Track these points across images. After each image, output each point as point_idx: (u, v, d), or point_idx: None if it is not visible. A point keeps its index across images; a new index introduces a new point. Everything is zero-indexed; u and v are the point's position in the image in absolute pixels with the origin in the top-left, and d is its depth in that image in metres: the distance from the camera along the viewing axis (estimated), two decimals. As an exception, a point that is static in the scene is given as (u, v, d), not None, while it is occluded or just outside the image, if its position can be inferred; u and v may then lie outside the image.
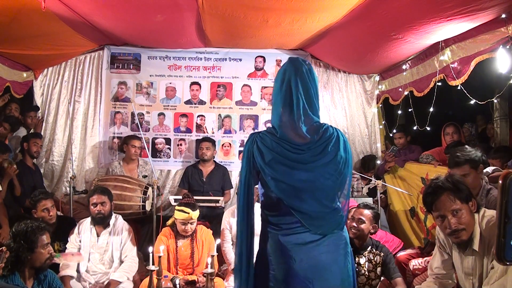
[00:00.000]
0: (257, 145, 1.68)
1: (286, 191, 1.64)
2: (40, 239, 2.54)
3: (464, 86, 3.27)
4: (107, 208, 3.34)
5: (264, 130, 1.75)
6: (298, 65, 1.69)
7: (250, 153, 1.69)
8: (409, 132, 4.73)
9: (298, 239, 1.64)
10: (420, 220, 4.09)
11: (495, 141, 4.11)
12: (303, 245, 1.63)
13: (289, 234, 1.65)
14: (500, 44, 2.83)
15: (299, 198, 1.64)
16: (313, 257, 1.63)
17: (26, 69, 4.70)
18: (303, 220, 1.63)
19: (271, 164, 1.65)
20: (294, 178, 1.63)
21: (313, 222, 1.64)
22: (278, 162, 1.65)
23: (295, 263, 1.62)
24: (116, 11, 3.61)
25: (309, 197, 1.64)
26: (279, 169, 1.65)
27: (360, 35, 3.74)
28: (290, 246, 1.64)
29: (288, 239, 1.64)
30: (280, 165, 1.65)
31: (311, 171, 1.65)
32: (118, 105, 5.08)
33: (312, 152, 1.66)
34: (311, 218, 1.64)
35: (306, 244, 1.63)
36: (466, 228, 2.01)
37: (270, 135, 1.70)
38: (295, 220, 1.64)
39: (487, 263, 2.00)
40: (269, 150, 1.66)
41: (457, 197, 2.01)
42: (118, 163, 4.61)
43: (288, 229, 1.65)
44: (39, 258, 2.53)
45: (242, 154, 1.74)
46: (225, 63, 5.16)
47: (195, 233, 3.37)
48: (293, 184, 1.64)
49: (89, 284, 3.23)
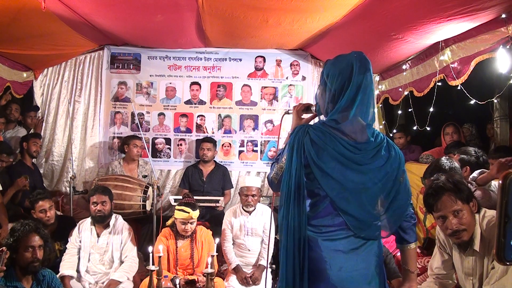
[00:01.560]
0: (310, 137, 1.58)
1: (335, 189, 1.56)
2: (24, 240, 2.51)
3: (464, 86, 3.26)
4: (108, 208, 3.34)
5: (318, 123, 1.65)
6: (367, 65, 1.60)
7: (301, 144, 1.58)
8: (409, 132, 4.73)
9: (339, 245, 1.57)
10: (420, 220, 4.08)
11: (495, 141, 4.11)
12: (345, 253, 1.56)
13: (331, 238, 1.57)
14: (500, 44, 2.82)
15: (346, 199, 1.57)
16: (352, 265, 1.56)
17: (26, 69, 4.70)
18: (348, 222, 1.56)
19: (324, 159, 1.56)
20: (346, 178, 1.56)
21: (359, 225, 1.57)
22: (332, 157, 1.56)
23: (332, 271, 1.55)
24: (116, 11, 3.61)
25: (355, 199, 1.57)
26: (332, 165, 1.56)
27: (360, 35, 3.73)
28: (330, 253, 1.56)
29: (328, 245, 1.57)
30: (334, 161, 1.56)
31: (363, 173, 1.58)
32: (118, 105, 5.08)
33: (367, 153, 1.59)
34: (357, 221, 1.57)
35: (347, 253, 1.56)
36: (467, 229, 2.00)
37: (326, 128, 1.60)
38: (338, 222, 1.57)
39: (488, 264, 2.00)
40: (324, 143, 1.57)
41: (458, 198, 2.01)
42: (118, 163, 4.61)
43: (329, 232, 1.58)
44: (22, 259, 2.51)
45: (288, 145, 1.62)
46: (225, 63, 5.16)
47: (194, 234, 3.37)
48: (344, 184, 1.56)
49: (89, 284, 3.23)
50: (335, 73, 1.60)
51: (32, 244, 2.53)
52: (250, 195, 3.59)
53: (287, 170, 1.61)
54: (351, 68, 1.57)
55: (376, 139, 1.64)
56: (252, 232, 3.56)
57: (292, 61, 5.16)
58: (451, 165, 2.68)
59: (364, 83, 1.57)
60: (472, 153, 2.91)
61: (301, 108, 1.86)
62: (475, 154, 2.92)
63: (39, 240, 2.58)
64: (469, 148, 3.09)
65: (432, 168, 2.76)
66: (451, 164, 2.69)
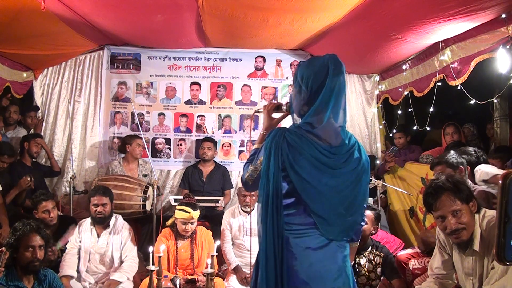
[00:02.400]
0: (288, 142, 1.61)
1: (310, 193, 1.61)
2: (25, 239, 2.52)
3: (464, 86, 3.26)
4: (108, 209, 3.34)
5: (293, 126, 1.68)
6: (341, 67, 1.64)
7: (279, 148, 1.60)
8: (409, 132, 4.73)
9: (308, 243, 1.61)
10: (419, 220, 4.09)
11: (495, 141, 4.11)
12: (314, 250, 1.61)
13: (301, 236, 1.61)
14: (500, 44, 2.82)
15: (320, 202, 1.61)
16: (321, 262, 1.61)
17: (26, 69, 4.70)
18: (319, 223, 1.61)
19: (301, 163, 1.60)
20: (321, 182, 1.61)
21: (328, 228, 1.62)
22: (309, 162, 1.60)
23: (302, 267, 1.59)
24: (116, 11, 3.61)
25: (328, 202, 1.62)
26: (308, 170, 1.60)
27: (360, 35, 3.73)
28: (300, 250, 1.61)
29: (299, 242, 1.61)
30: (310, 166, 1.60)
31: (337, 177, 1.63)
32: (118, 105, 5.08)
33: (341, 157, 1.63)
34: (327, 223, 1.61)
35: (316, 250, 1.61)
36: (466, 228, 2.00)
37: (301, 132, 1.63)
38: (309, 222, 1.61)
39: (488, 264, 2.00)
40: (301, 148, 1.60)
41: (457, 198, 2.01)
42: (118, 163, 4.61)
43: (299, 230, 1.62)
44: (22, 258, 2.51)
45: (265, 148, 1.64)
46: (225, 63, 5.16)
47: (194, 234, 3.37)
48: (318, 187, 1.61)
49: (89, 284, 3.23)
50: (310, 75, 1.63)
51: (32, 243, 2.53)
52: (248, 195, 3.59)
53: (264, 174, 1.64)
54: (326, 71, 1.60)
55: (350, 141, 1.68)
56: (251, 232, 3.57)
57: (292, 61, 5.16)
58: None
59: (338, 85, 1.61)
60: (472, 153, 2.91)
61: (272, 107, 1.87)
62: (475, 154, 2.92)
63: (40, 240, 2.58)
64: (469, 148, 3.10)
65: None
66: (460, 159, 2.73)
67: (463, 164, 2.77)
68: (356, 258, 3.09)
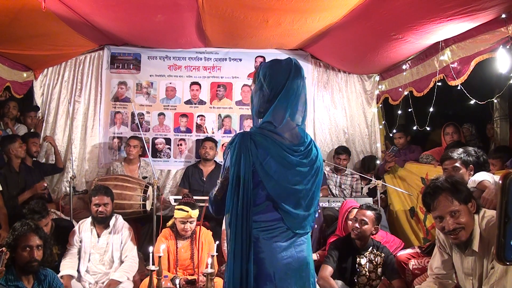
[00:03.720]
0: (254, 143, 1.68)
1: (278, 190, 1.68)
2: (23, 239, 2.51)
3: (464, 86, 3.26)
4: (109, 209, 3.34)
5: (255, 128, 1.75)
6: (302, 71, 1.75)
7: (248, 150, 1.67)
8: (409, 132, 4.73)
9: (277, 238, 1.69)
10: (420, 220, 4.09)
11: (495, 141, 4.11)
12: (282, 243, 1.70)
13: (270, 231, 1.69)
14: (500, 44, 2.82)
15: (286, 198, 1.70)
16: (289, 254, 1.70)
17: (26, 69, 4.70)
18: (285, 218, 1.70)
19: (269, 162, 1.67)
20: (287, 179, 1.69)
21: (294, 221, 1.71)
22: (275, 161, 1.68)
23: (271, 260, 1.68)
24: (116, 11, 3.61)
25: (293, 198, 1.71)
26: (275, 169, 1.68)
27: (360, 35, 3.74)
28: (269, 244, 1.69)
29: (267, 237, 1.69)
30: (277, 164, 1.68)
31: (300, 173, 1.71)
32: (118, 105, 5.08)
33: (301, 155, 1.72)
34: (293, 219, 1.71)
35: (283, 243, 1.70)
36: (465, 228, 2.00)
37: (265, 132, 1.70)
38: (277, 218, 1.70)
39: (487, 264, 2.00)
40: (267, 148, 1.68)
41: (456, 198, 2.01)
42: (119, 163, 4.61)
43: (267, 226, 1.69)
44: (20, 258, 2.51)
45: (232, 153, 1.69)
46: (225, 63, 5.16)
47: (195, 234, 3.37)
48: (285, 185, 1.69)
49: (89, 284, 3.23)
50: (273, 75, 1.72)
51: (30, 243, 2.53)
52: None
53: (235, 178, 1.68)
54: (288, 72, 1.70)
55: (307, 138, 1.78)
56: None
57: (292, 61, 5.15)
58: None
59: (297, 87, 1.71)
60: (472, 153, 2.91)
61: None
62: (475, 154, 2.91)
63: (38, 240, 2.57)
64: (469, 148, 3.09)
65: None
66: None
67: (472, 163, 2.78)
68: (356, 258, 3.09)
